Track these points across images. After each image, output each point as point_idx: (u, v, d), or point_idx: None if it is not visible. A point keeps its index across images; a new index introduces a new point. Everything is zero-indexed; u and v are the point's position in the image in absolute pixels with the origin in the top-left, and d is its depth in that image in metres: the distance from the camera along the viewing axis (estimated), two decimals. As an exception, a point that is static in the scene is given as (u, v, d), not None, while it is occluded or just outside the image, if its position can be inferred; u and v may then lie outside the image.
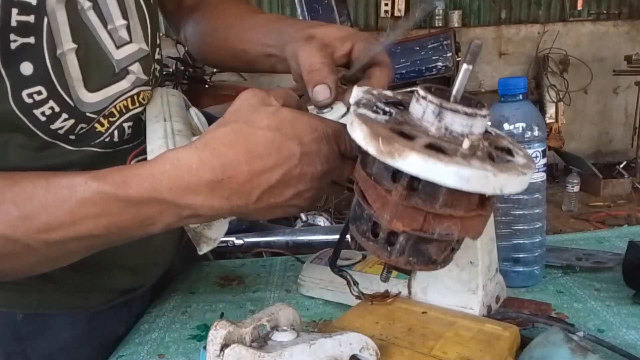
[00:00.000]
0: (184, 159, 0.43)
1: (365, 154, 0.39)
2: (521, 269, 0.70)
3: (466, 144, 0.37)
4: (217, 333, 0.42)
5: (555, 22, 4.93)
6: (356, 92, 0.45)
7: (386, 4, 4.65)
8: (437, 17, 4.76)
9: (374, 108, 0.42)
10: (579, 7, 4.91)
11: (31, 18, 0.51)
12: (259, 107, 0.46)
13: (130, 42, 0.62)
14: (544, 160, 0.68)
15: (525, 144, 0.66)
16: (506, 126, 0.67)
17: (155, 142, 0.53)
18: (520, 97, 0.68)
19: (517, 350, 0.51)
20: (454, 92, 0.39)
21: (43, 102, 0.54)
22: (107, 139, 0.61)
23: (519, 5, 4.95)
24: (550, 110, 4.67)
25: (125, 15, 0.61)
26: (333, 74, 0.52)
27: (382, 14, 4.70)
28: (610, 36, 4.96)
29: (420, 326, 0.53)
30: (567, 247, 0.82)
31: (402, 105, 0.44)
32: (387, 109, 0.42)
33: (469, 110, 0.38)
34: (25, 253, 0.45)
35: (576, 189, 3.83)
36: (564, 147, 4.58)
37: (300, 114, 0.45)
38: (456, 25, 4.68)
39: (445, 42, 2.96)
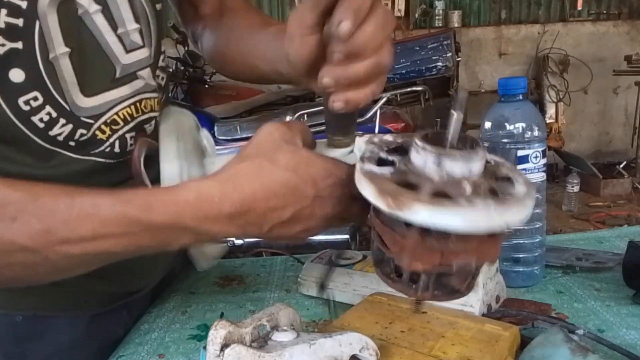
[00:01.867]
0: (206, 191, 0.46)
1: None
2: (521, 269, 0.70)
3: (468, 188, 0.40)
4: (217, 333, 0.42)
5: (555, 22, 4.92)
6: (359, 144, 0.49)
7: (386, 4, 4.65)
8: (437, 17, 4.75)
9: (378, 160, 0.45)
10: (579, 7, 4.90)
11: (20, 21, 0.50)
12: (280, 145, 0.48)
13: (143, 46, 0.61)
14: (544, 160, 0.68)
15: (525, 144, 0.66)
16: (506, 126, 0.67)
17: (170, 161, 0.54)
18: (520, 97, 0.68)
19: (517, 350, 0.52)
20: (449, 138, 0.42)
21: (40, 108, 0.54)
22: (107, 149, 0.61)
23: (519, 5, 4.95)
24: (550, 110, 4.67)
25: (137, 19, 0.60)
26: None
27: (382, 14, 4.70)
28: (610, 36, 4.96)
29: (420, 326, 0.53)
30: (567, 247, 0.82)
31: (403, 149, 0.47)
32: (389, 157, 0.45)
33: (466, 155, 0.41)
34: (42, 264, 0.47)
35: (576, 189, 3.82)
36: (564, 147, 4.57)
37: (317, 157, 0.48)
38: (456, 25, 4.68)
39: (445, 42, 2.95)
